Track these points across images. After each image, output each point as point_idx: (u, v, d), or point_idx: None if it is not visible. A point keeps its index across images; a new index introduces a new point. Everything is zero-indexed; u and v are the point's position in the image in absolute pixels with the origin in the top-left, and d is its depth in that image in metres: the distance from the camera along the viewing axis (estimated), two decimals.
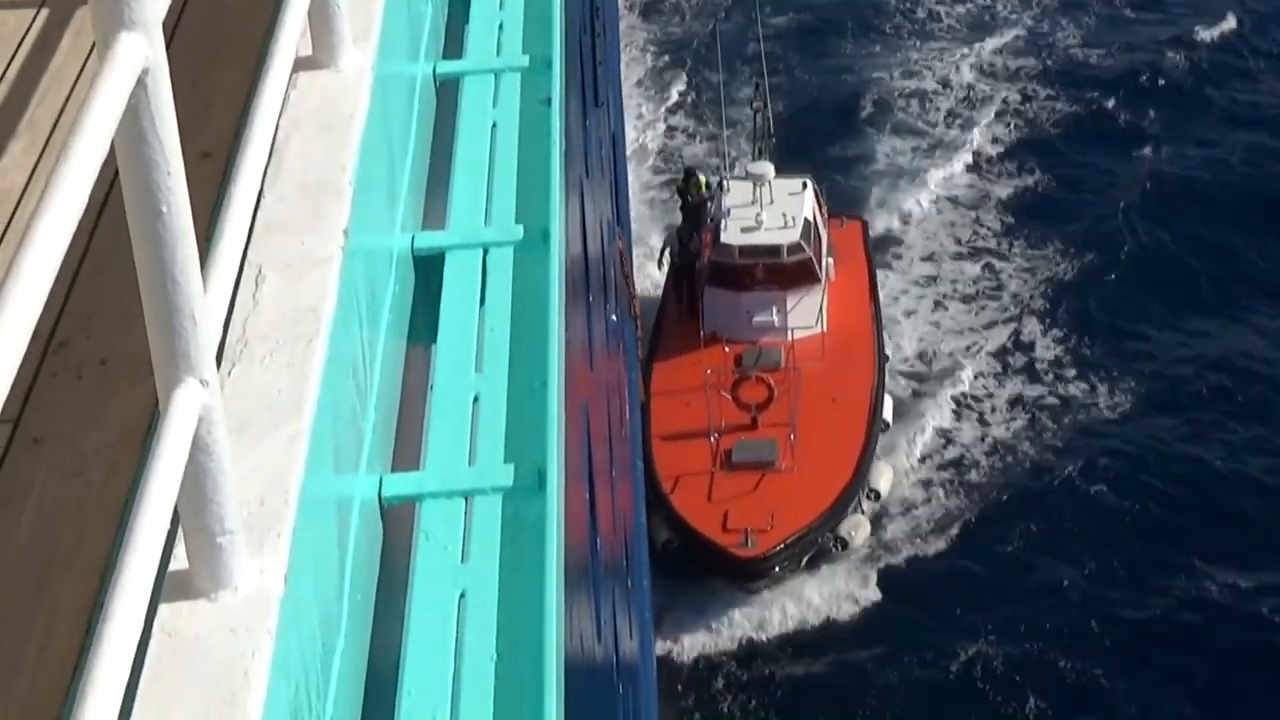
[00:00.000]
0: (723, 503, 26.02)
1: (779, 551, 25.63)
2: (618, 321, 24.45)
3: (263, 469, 3.67)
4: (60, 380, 4.87)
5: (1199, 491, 27.78)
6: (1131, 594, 26.25)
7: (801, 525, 25.81)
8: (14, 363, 2.43)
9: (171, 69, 6.30)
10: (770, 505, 25.82)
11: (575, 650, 10.70)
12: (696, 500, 26.12)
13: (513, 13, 6.89)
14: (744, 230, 29.12)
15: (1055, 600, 26.16)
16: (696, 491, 26.27)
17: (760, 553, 25.46)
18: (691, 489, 26.31)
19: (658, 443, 27.14)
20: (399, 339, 5.19)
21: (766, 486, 26.19)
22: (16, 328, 2.44)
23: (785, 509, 25.80)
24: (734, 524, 25.61)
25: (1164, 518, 27.40)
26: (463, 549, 4.49)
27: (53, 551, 4.30)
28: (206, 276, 3.41)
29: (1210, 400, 29.68)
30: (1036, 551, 27.04)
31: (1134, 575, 26.54)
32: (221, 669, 3.24)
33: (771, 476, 26.33)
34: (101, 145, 2.80)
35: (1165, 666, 25.01)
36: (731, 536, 25.54)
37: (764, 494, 26.06)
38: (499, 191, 5.87)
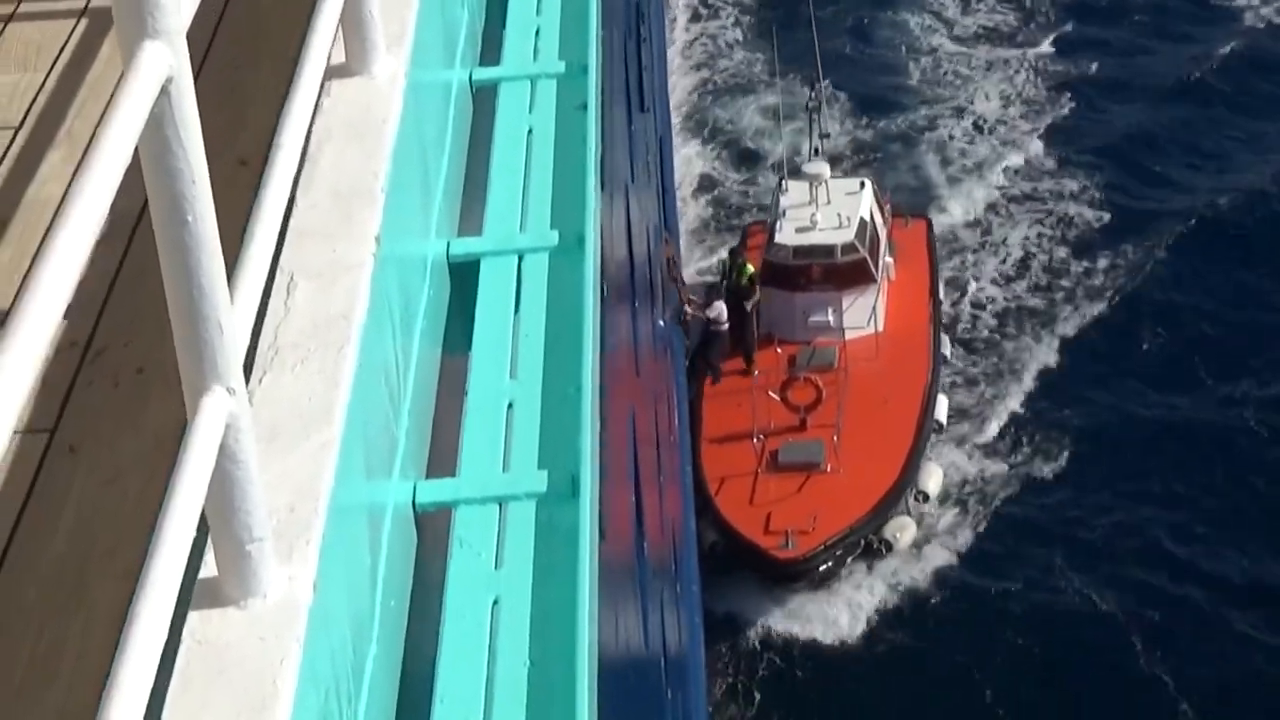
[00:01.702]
0: (766, 505, 26.02)
1: (819, 553, 25.61)
2: (665, 326, 24.45)
3: (293, 476, 3.68)
4: (97, 388, 4.89)
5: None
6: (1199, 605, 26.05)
7: (843, 527, 25.79)
8: (33, 371, 2.43)
9: (209, 77, 6.35)
10: (813, 507, 25.80)
11: (619, 654, 10.69)
12: (741, 502, 26.13)
13: (549, 19, 6.90)
14: (798, 230, 29.12)
15: (1109, 607, 26.00)
16: (741, 493, 26.28)
17: (800, 554, 25.46)
18: (736, 491, 26.33)
19: (705, 444, 27.16)
20: (434, 345, 5.19)
21: (811, 488, 26.18)
22: (35, 336, 2.45)
23: (828, 511, 25.77)
24: (776, 526, 25.61)
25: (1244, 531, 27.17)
26: (496, 555, 4.49)
27: (88, 558, 4.31)
28: (235, 284, 3.42)
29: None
30: (1090, 557, 26.86)
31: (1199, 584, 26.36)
32: (250, 676, 3.24)
33: (817, 478, 26.31)
34: (124, 154, 2.81)
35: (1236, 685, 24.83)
36: (773, 538, 25.54)
37: (808, 495, 26.05)
38: (534, 197, 5.88)
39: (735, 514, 25.99)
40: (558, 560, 4.47)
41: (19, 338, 2.43)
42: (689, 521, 24.47)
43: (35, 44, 6.68)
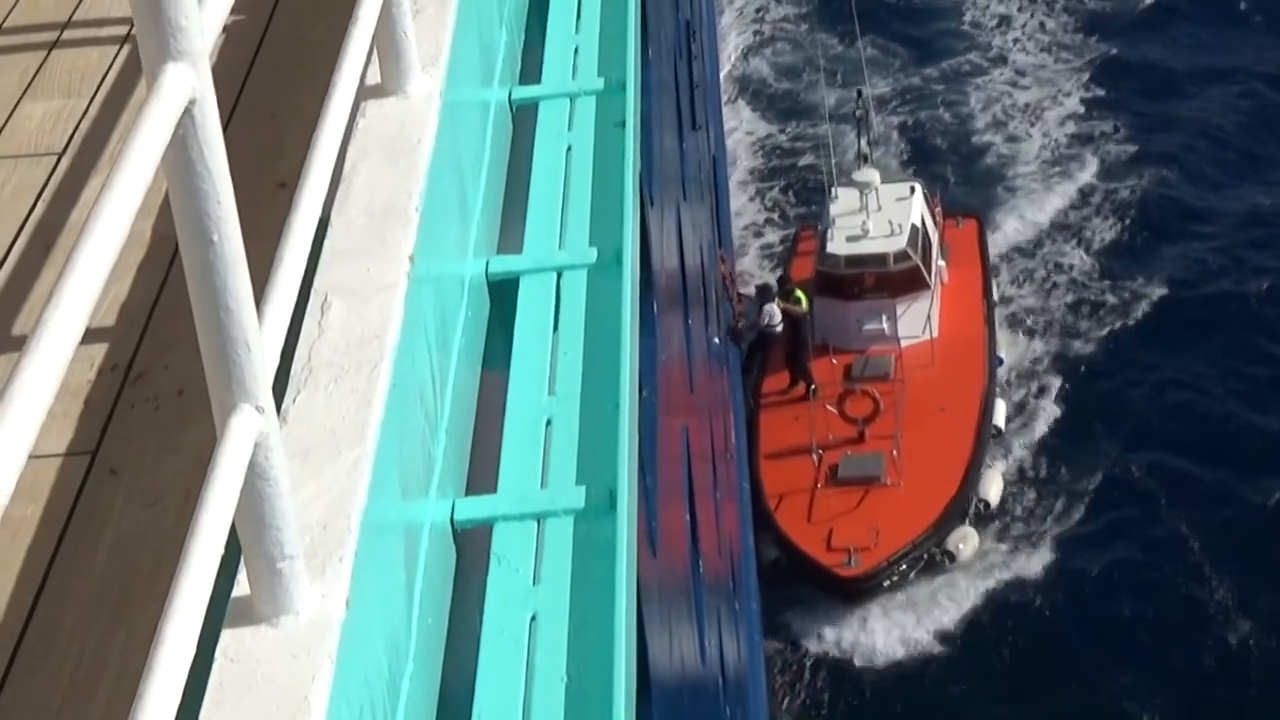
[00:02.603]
0: (827, 520, 25.95)
1: (882, 569, 25.52)
2: (721, 342, 24.45)
3: (325, 494, 3.70)
4: (138, 410, 4.93)
5: None
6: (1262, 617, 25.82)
7: (905, 542, 25.69)
8: (50, 394, 2.45)
9: (250, 100, 6.40)
10: (874, 522, 25.71)
11: (673, 671, 10.69)
12: (801, 518, 26.06)
13: (588, 37, 6.93)
14: (849, 239, 29.06)
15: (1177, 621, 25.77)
16: (801, 509, 26.21)
17: (863, 572, 25.37)
18: (796, 506, 26.26)
19: (764, 460, 27.11)
20: (473, 363, 5.21)
21: (871, 502, 26.09)
22: (52, 357, 2.47)
23: (889, 525, 25.68)
24: (838, 542, 25.53)
25: None
26: (535, 571, 4.50)
27: (130, 580, 4.34)
28: (265, 304, 3.44)
29: None
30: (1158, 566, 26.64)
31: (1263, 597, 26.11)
32: (282, 693, 3.25)
33: (876, 491, 26.23)
34: (145, 177, 2.83)
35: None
36: (835, 555, 25.46)
37: (868, 510, 25.96)
38: (573, 215, 5.90)
39: (796, 531, 25.92)
40: (595, 576, 4.47)
41: (36, 359, 2.45)
42: (747, 537, 24.45)
43: (78, 71, 6.74)
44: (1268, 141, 36.67)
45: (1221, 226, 33.91)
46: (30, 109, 6.54)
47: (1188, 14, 41.52)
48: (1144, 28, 41.21)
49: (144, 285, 5.40)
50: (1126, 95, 38.43)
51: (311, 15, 6.97)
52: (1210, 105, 37.89)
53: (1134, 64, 39.69)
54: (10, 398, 2.41)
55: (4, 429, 2.36)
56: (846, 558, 25.38)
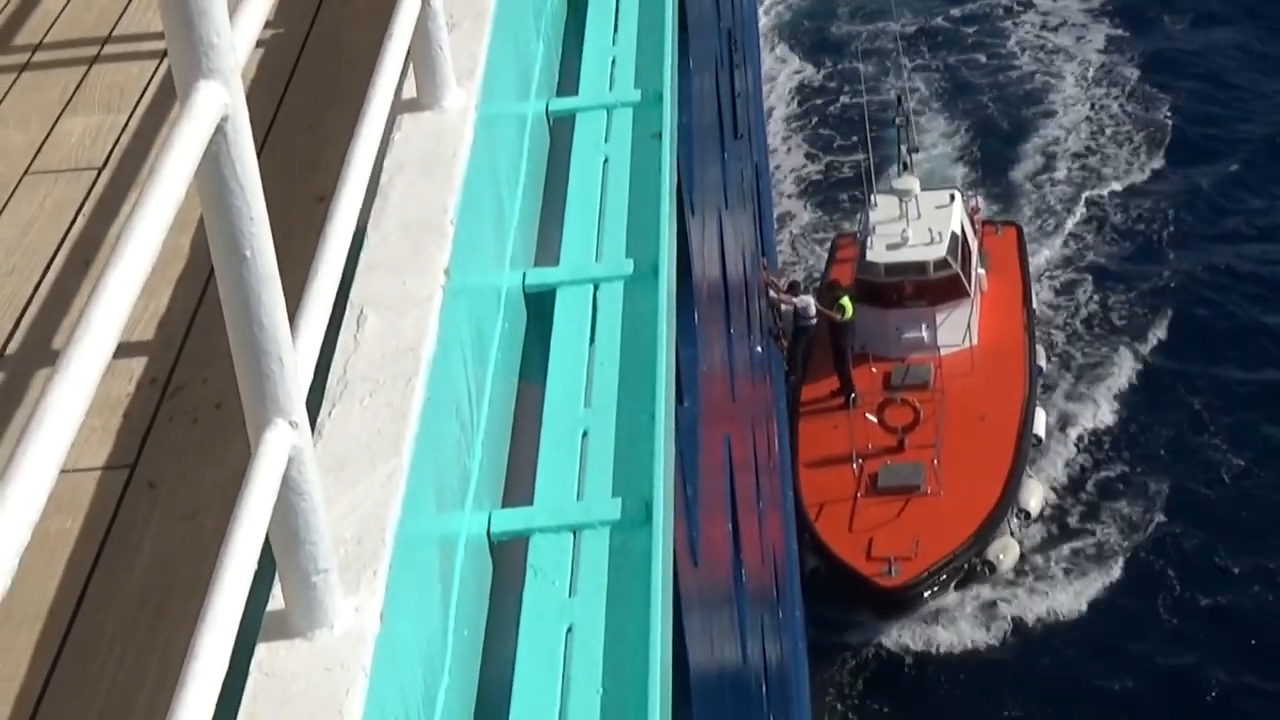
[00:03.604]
0: (867, 530, 25.90)
1: (923, 580, 25.44)
2: (764, 352, 24.43)
3: (359, 508, 3.71)
4: (177, 424, 4.96)
5: None
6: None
7: (946, 552, 25.62)
8: (84, 408, 2.47)
9: (288, 115, 6.43)
10: (914, 531, 25.65)
11: (715, 679, 10.69)
12: (841, 527, 26.01)
13: (625, 48, 6.94)
14: (889, 247, 29.01)
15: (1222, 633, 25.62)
16: (841, 518, 26.16)
17: (903, 582, 25.31)
18: (836, 516, 26.21)
19: (804, 469, 27.08)
20: (509, 376, 5.22)
21: (911, 511, 26.02)
22: (86, 372, 2.49)
23: (930, 535, 25.61)
24: (878, 551, 25.48)
25: None
26: (571, 583, 4.51)
27: (168, 593, 4.37)
28: (299, 319, 3.46)
29: None
30: (1203, 576, 26.50)
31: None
32: (316, 707, 3.27)
33: (917, 501, 26.16)
34: (178, 193, 2.85)
35: None
36: (875, 565, 25.41)
37: (909, 519, 25.90)
38: (610, 226, 5.91)
39: (836, 541, 25.89)
40: (631, 587, 4.48)
41: (70, 374, 2.47)
42: (791, 546, 24.43)
43: (118, 86, 6.78)
44: None
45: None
46: (70, 124, 6.58)
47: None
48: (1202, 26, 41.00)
49: (182, 299, 5.43)
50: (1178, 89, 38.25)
51: (350, 28, 7.00)
52: None
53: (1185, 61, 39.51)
54: (45, 412, 2.43)
55: (39, 443, 2.38)
56: (887, 567, 25.32)
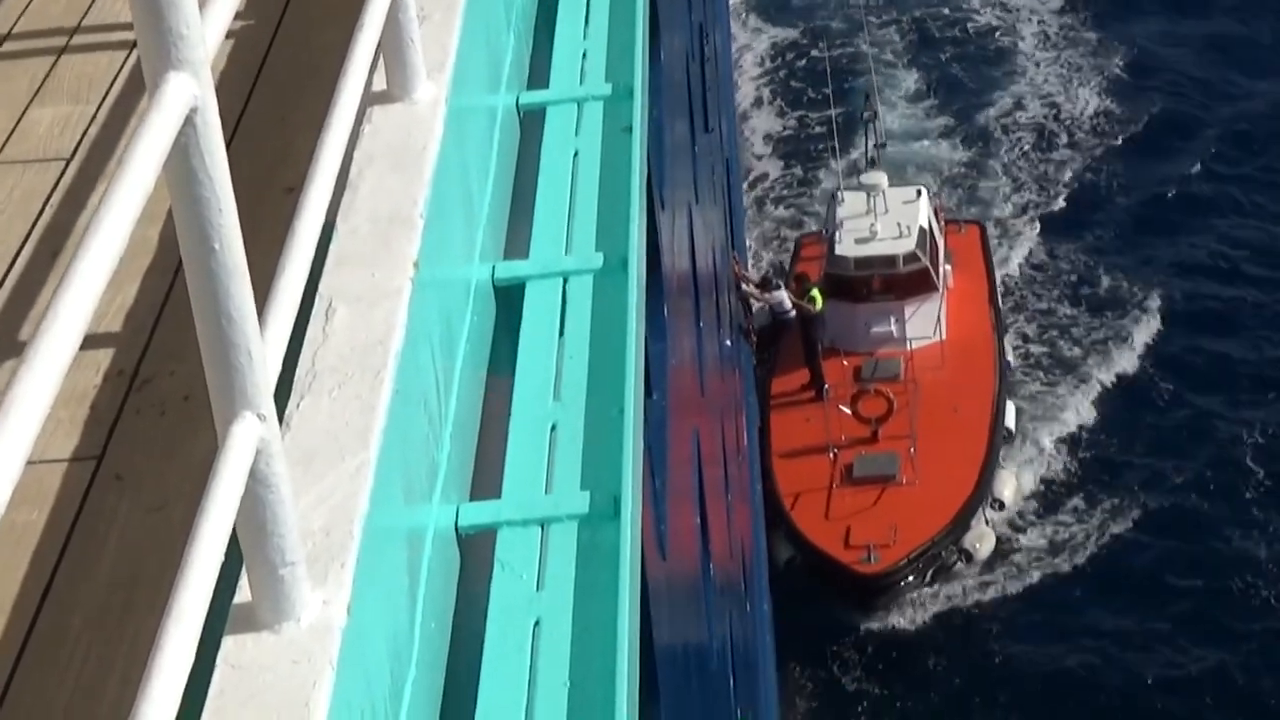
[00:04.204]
0: (844, 518, 25.94)
1: (902, 567, 25.51)
2: (733, 346, 24.45)
3: (327, 500, 3.71)
4: (144, 416, 4.95)
5: None
6: None
7: (924, 540, 25.69)
8: (50, 400, 2.47)
9: (258, 107, 6.41)
10: (892, 520, 25.72)
11: (683, 672, 10.70)
12: (817, 516, 26.05)
13: (596, 42, 6.94)
14: (858, 241, 29.06)
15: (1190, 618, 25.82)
16: (817, 508, 26.20)
17: (883, 569, 25.36)
18: (812, 505, 26.25)
19: (778, 460, 27.11)
20: (478, 369, 5.22)
21: (888, 501, 26.09)
22: (53, 364, 2.49)
23: (907, 523, 25.68)
24: (856, 540, 25.53)
25: None
26: (538, 577, 4.51)
27: (135, 586, 4.36)
28: (268, 311, 3.46)
29: None
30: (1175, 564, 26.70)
31: None
32: (282, 700, 3.27)
33: (893, 490, 26.23)
34: (147, 185, 2.85)
35: None
36: (853, 553, 25.45)
37: (885, 508, 25.96)
38: (580, 220, 5.91)
39: (813, 530, 25.92)
40: (599, 581, 4.49)
41: (36, 365, 2.47)
42: (759, 540, 24.45)
43: (87, 77, 6.76)
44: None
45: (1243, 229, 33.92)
46: (39, 114, 6.56)
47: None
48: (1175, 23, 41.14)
49: (150, 291, 5.42)
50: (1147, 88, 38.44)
51: (321, 21, 6.99)
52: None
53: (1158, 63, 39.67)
54: (11, 403, 2.43)
55: (5, 434, 2.37)
56: (865, 554, 25.35)
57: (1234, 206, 34.95)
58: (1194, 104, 38.32)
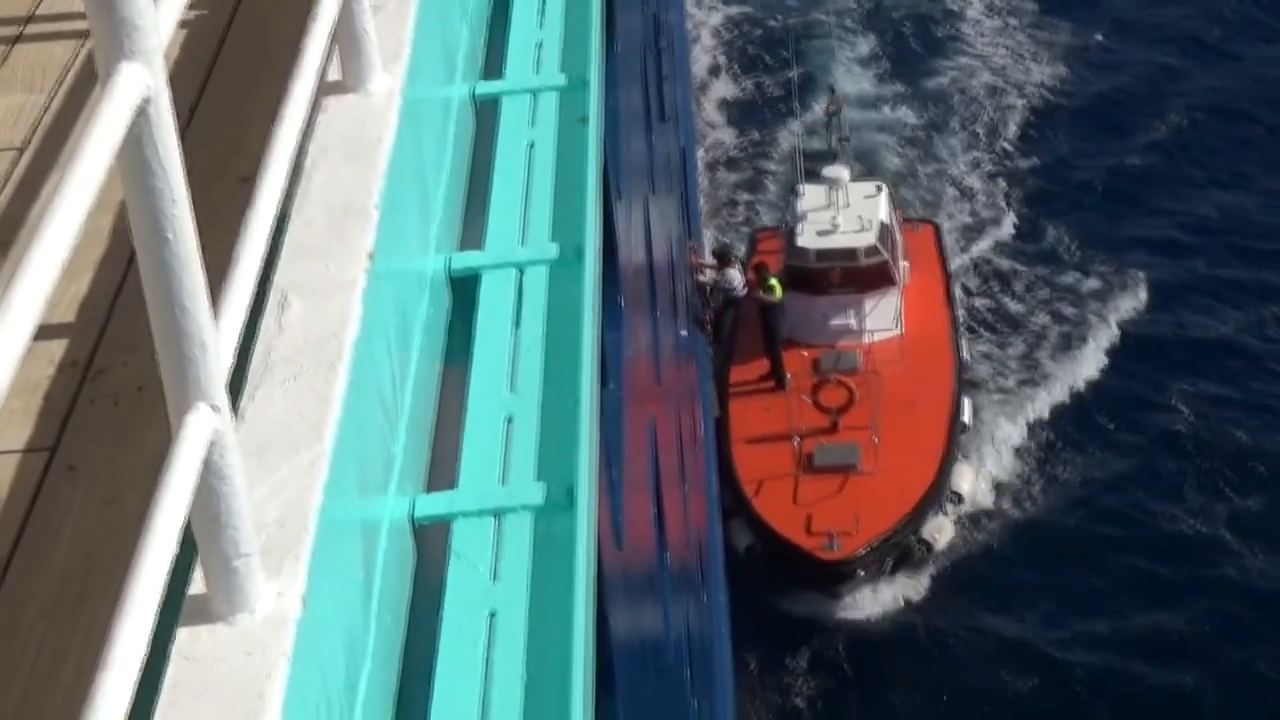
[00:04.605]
0: (805, 506, 26.00)
1: (864, 554, 25.58)
2: (688, 336, 24.47)
3: (282, 492, 3.70)
4: (98, 407, 4.93)
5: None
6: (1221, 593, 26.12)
7: (886, 528, 25.78)
8: (3, 390, 2.46)
9: (211, 97, 6.39)
10: (854, 508, 25.80)
11: (639, 664, 10.71)
12: (779, 504, 26.12)
13: (552, 32, 6.93)
14: (819, 234, 29.11)
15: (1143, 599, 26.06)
16: (779, 495, 26.26)
17: (845, 555, 25.43)
18: (774, 493, 26.31)
19: (739, 447, 27.16)
20: (433, 360, 5.21)
21: (849, 490, 26.17)
22: (6, 355, 2.48)
23: (869, 512, 25.77)
24: (817, 527, 25.59)
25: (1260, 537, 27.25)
26: (494, 568, 4.51)
27: (88, 577, 4.34)
28: (222, 302, 3.45)
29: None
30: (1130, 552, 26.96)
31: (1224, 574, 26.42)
32: (237, 691, 3.26)
33: (854, 480, 26.31)
34: (99, 175, 2.84)
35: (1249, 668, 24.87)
36: (815, 539, 25.51)
37: (847, 497, 26.03)
38: (535, 211, 5.91)
39: (775, 516, 25.98)
40: (555, 572, 4.49)
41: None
42: (714, 531, 24.47)
43: (40, 66, 6.72)
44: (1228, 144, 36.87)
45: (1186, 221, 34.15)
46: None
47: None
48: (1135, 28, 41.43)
49: (104, 281, 5.40)
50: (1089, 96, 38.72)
51: (274, 10, 6.97)
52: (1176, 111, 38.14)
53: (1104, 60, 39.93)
54: None
55: None
56: (828, 541, 25.41)
57: (1185, 179, 35.39)
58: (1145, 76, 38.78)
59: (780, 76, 38.87)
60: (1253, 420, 29.26)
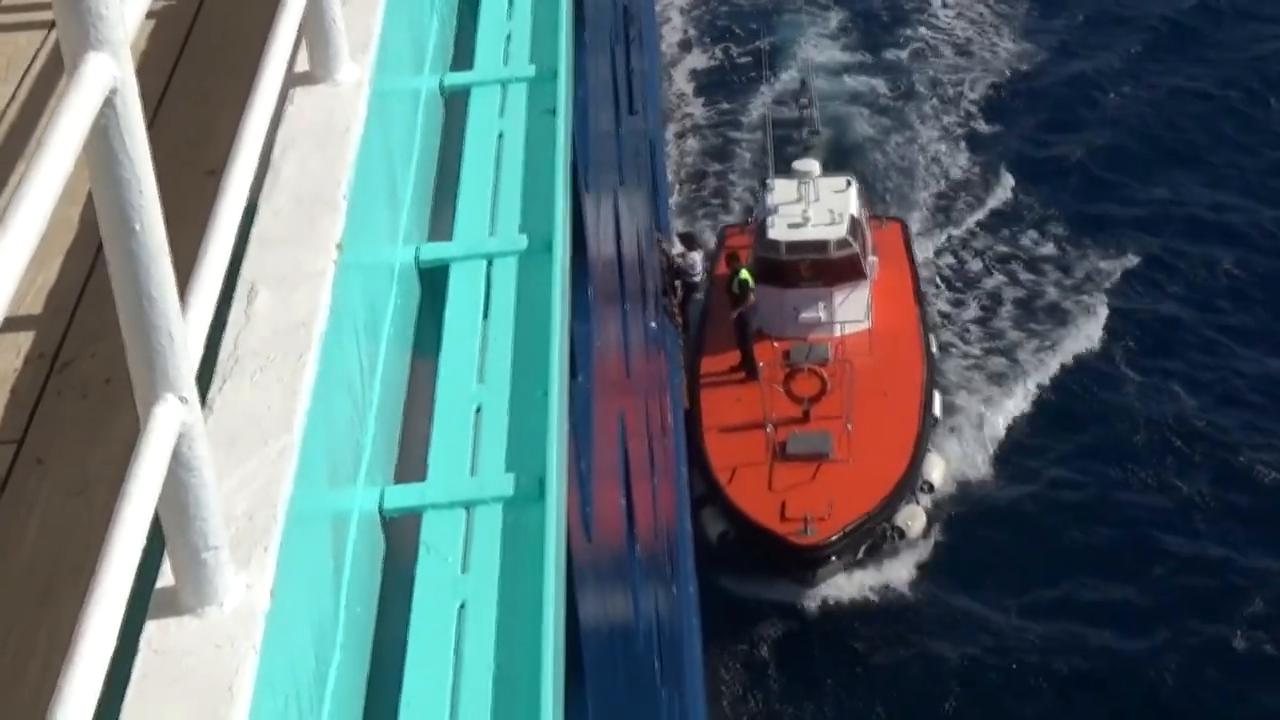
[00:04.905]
0: (780, 493, 26.11)
1: (838, 539, 25.70)
2: (658, 327, 24.48)
3: (251, 484, 3.69)
4: (65, 399, 4.91)
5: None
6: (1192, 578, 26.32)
7: (860, 514, 25.94)
8: None
9: (179, 87, 6.36)
10: (828, 495, 25.95)
11: (608, 655, 10.70)
12: (753, 491, 26.22)
13: (520, 23, 6.91)
14: (790, 226, 29.23)
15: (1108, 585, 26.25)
16: (752, 483, 26.38)
17: (820, 540, 25.55)
18: (747, 480, 26.41)
19: (711, 436, 27.23)
20: (402, 351, 5.20)
21: (823, 477, 26.31)
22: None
23: (843, 498, 25.93)
24: (792, 513, 25.70)
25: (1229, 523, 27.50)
26: (463, 560, 4.50)
27: (56, 569, 4.32)
28: (190, 293, 3.43)
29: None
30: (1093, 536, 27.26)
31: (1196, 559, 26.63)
32: (206, 684, 3.25)
33: (827, 467, 26.46)
34: (66, 166, 2.82)
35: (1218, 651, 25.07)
36: (790, 525, 25.62)
37: (821, 484, 26.18)
38: (504, 202, 5.89)
39: (750, 503, 26.07)
40: (524, 563, 4.48)
41: None
42: (684, 522, 24.49)
43: (6, 56, 6.69)
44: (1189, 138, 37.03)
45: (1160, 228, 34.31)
46: None
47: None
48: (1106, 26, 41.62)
49: (71, 272, 5.37)
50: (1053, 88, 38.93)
51: (243, 0, 6.94)
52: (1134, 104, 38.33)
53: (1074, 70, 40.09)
54: None
55: None
56: (803, 526, 25.50)
57: (1151, 159, 35.80)
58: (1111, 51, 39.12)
59: (749, 47, 39.45)
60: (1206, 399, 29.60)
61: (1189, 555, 26.75)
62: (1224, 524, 27.30)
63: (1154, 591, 26.12)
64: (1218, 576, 26.31)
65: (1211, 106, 37.36)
